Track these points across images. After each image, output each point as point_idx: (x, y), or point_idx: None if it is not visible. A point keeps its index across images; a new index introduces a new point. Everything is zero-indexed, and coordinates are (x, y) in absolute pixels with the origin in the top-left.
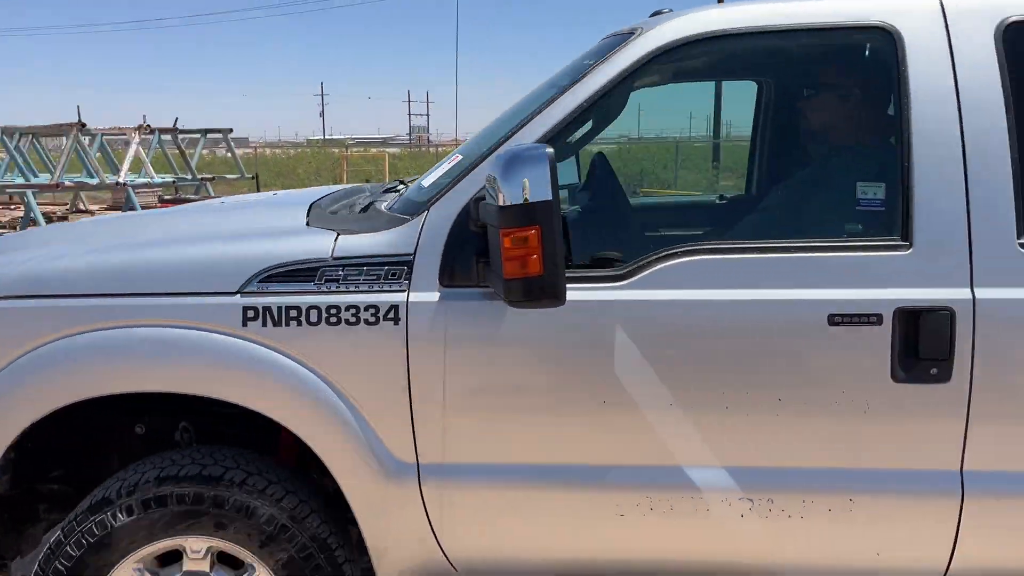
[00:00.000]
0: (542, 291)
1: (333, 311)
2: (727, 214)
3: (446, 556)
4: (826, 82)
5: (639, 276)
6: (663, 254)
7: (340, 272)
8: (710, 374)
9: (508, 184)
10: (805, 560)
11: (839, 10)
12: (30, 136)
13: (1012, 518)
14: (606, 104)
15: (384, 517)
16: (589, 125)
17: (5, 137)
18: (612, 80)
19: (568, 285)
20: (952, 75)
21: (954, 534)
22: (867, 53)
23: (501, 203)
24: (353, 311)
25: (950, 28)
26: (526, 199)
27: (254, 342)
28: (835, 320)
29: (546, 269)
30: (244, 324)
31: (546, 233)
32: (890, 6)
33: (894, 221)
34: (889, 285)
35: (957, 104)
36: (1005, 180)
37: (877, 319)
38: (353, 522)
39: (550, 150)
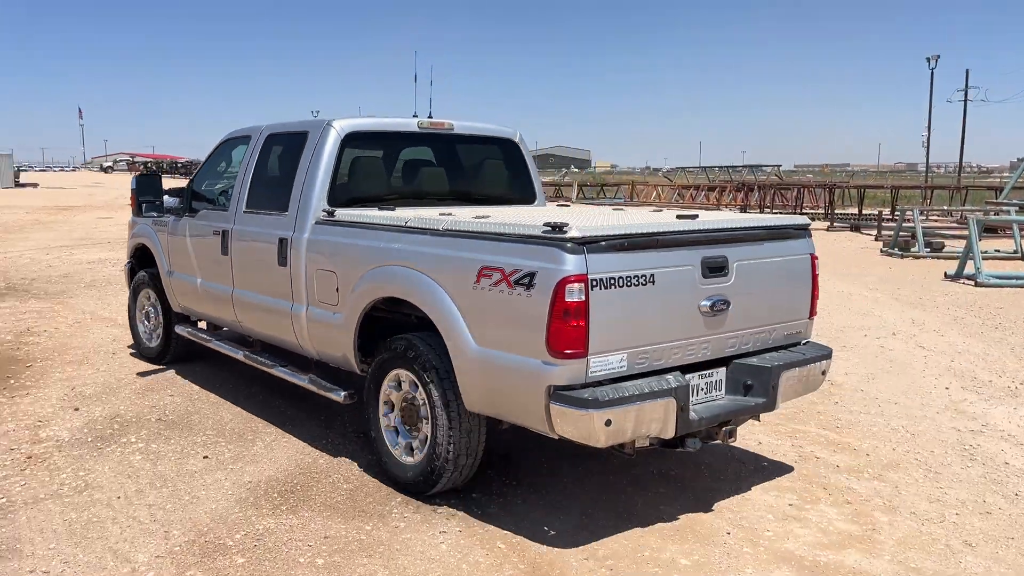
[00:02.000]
0: (137, 212)
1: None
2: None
3: (179, 306)
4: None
5: (188, 212)
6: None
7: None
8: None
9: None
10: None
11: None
12: None
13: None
14: (220, 159)
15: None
16: (224, 166)
17: None
18: (215, 149)
19: (195, 208)
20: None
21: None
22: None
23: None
24: (168, 214)
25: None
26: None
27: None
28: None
29: (135, 209)
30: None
31: (137, 200)
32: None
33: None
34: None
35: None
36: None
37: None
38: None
39: (135, 174)
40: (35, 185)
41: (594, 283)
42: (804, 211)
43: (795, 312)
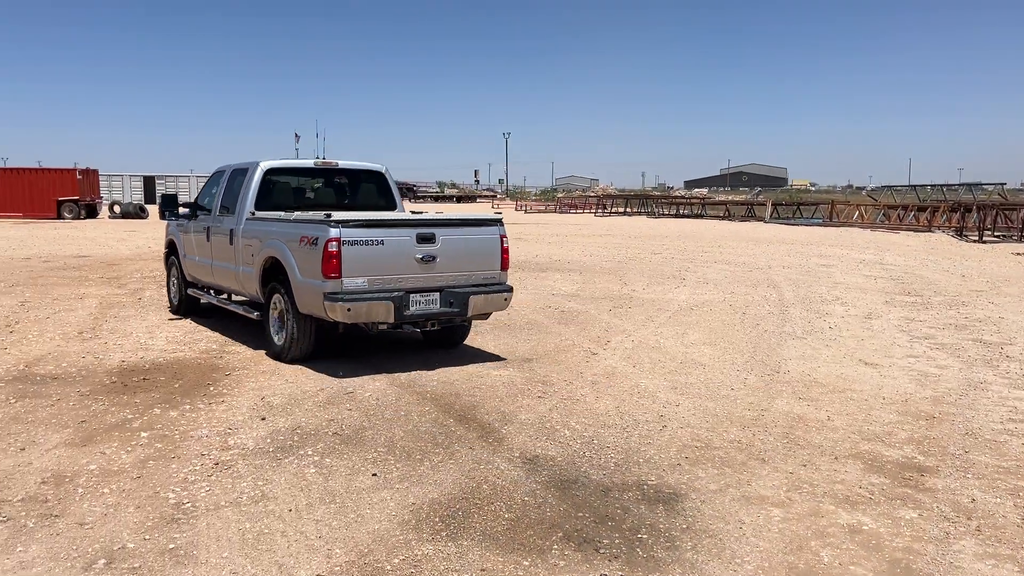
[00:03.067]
0: (161, 217)
1: (182, 220)
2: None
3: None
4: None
5: (193, 217)
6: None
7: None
8: (197, 240)
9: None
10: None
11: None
12: None
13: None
14: (214, 183)
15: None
16: (215, 188)
17: None
18: (210, 177)
19: (197, 214)
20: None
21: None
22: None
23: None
24: (181, 218)
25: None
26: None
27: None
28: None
29: (160, 215)
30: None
31: (161, 209)
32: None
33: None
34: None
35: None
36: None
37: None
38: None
39: (161, 193)
40: None
41: (345, 242)
42: None
43: (489, 266)
